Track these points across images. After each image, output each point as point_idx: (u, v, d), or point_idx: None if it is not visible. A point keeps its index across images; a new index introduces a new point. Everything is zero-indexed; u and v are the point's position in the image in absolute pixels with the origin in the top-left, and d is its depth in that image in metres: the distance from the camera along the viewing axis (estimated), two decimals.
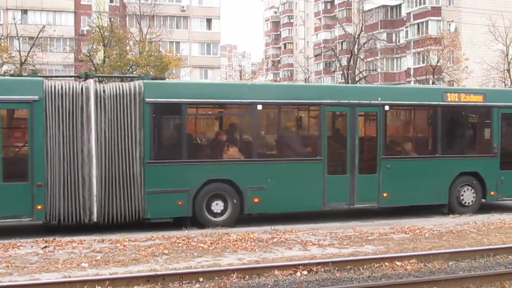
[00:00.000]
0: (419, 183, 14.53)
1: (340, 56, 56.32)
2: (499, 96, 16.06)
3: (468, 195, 15.04)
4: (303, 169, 13.81)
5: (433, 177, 14.70)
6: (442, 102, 14.87)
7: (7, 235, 11.47)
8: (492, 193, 15.18)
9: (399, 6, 62.55)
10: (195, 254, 9.95)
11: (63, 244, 10.68)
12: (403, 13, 61.39)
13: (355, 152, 14.06)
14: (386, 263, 9.11)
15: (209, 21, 64.34)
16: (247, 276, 8.39)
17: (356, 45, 45.30)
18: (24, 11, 51.88)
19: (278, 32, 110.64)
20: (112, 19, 43.04)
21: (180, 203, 12.83)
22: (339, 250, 10.39)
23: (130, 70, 36.05)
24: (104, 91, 12.38)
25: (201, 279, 8.17)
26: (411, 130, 16.01)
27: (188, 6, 62.36)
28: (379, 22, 61.95)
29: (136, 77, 14.21)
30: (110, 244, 10.71)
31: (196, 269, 8.73)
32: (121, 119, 12.39)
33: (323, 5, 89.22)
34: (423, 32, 54.18)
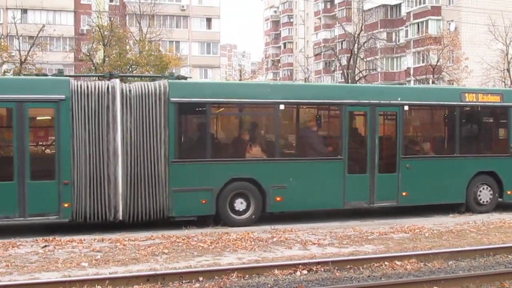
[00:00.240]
0: (438, 183, 14.67)
1: (340, 56, 56.27)
2: None
3: (485, 194, 15.15)
4: (324, 168, 13.97)
5: (451, 177, 14.83)
6: (460, 102, 15.03)
7: (7, 235, 11.48)
8: (509, 192, 15.35)
9: (399, 6, 62.55)
10: (195, 254, 9.95)
11: (63, 244, 10.69)
12: (403, 13, 61.39)
13: (375, 152, 14.20)
14: (386, 263, 9.11)
15: (209, 21, 64.33)
16: (247, 276, 8.39)
17: (356, 45, 45.26)
18: (24, 11, 51.87)
19: (278, 32, 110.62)
20: (112, 19, 43.04)
21: (204, 202, 12.97)
22: (339, 250, 10.40)
23: (130, 70, 36.05)
24: (130, 91, 12.50)
25: (201, 279, 8.17)
26: (430, 130, 16.14)
27: (188, 6, 62.35)
28: (379, 22, 61.93)
29: (160, 77, 14.31)
30: (110, 244, 10.72)
31: (196, 269, 8.73)
32: (146, 118, 12.50)
33: (323, 5, 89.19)
34: (423, 32, 54.15)
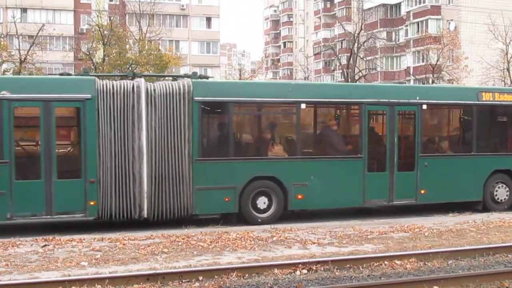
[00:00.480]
0: (455, 181, 14.81)
1: (340, 55, 56.24)
2: None
3: (502, 192, 15.27)
4: (344, 167, 14.12)
5: (468, 175, 14.96)
6: (477, 102, 15.16)
7: (7, 234, 11.48)
8: None
9: (399, 5, 62.56)
10: (195, 253, 9.95)
11: (63, 243, 10.69)
12: (403, 12, 61.42)
13: (394, 150, 14.34)
14: (386, 262, 9.11)
15: (209, 20, 64.32)
16: (247, 275, 8.39)
17: (356, 44, 45.25)
18: (24, 10, 51.85)
19: (278, 31, 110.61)
20: (112, 18, 43.02)
21: (227, 200, 13.12)
22: (339, 249, 10.39)
23: (130, 69, 36.03)
24: (155, 90, 12.62)
25: (201, 278, 8.16)
26: (447, 129, 16.26)
27: (188, 5, 62.34)
28: (379, 21, 61.94)
29: (182, 76, 14.40)
30: (110, 243, 10.72)
31: (196, 268, 8.73)
32: (171, 117, 12.62)
33: (323, 4, 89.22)
34: (423, 31, 54.14)
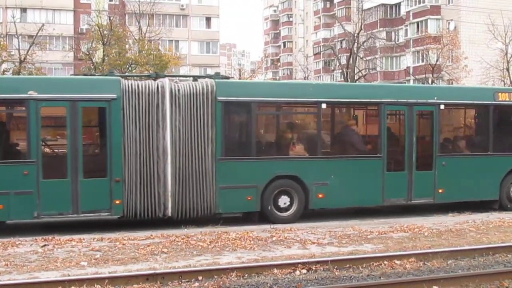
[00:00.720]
0: (472, 180, 14.96)
1: (340, 55, 56.21)
2: None
3: None
4: (364, 166, 14.25)
5: (485, 174, 15.11)
6: (494, 102, 15.34)
7: (7, 234, 11.48)
8: None
9: (399, 5, 62.57)
10: (194, 253, 9.95)
11: (62, 243, 10.68)
12: (403, 12, 61.42)
13: (413, 150, 14.47)
14: (385, 262, 9.11)
15: (209, 20, 64.33)
16: (246, 275, 8.39)
17: (356, 44, 45.24)
18: (24, 10, 51.86)
19: (278, 31, 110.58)
20: (112, 18, 43.04)
21: (249, 199, 13.25)
22: (338, 249, 10.39)
23: (129, 69, 36.04)
24: (179, 90, 12.77)
25: (200, 278, 8.16)
26: (464, 128, 16.35)
27: (188, 5, 62.34)
28: (379, 21, 61.94)
29: (204, 77, 14.51)
30: (109, 243, 10.71)
31: (195, 268, 8.73)
32: (194, 117, 12.77)
33: (322, 4, 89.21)
34: (423, 31, 54.15)
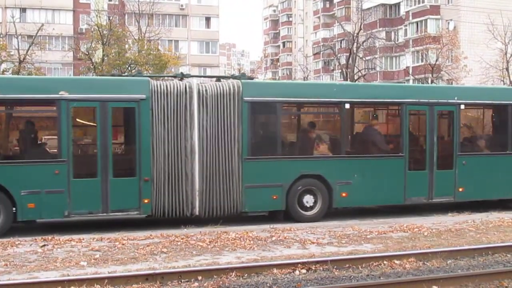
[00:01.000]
0: (492, 179, 15.14)
1: (339, 55, 56.18)
2: None
3: None
4: (386, 165, 14.42)
5: (505, 173, 15.26)
6: None
7: (6, 234, 11.48)
8: None
9: (398, 5, 62.58)
10: (194, 253, 9.95)
11: (62, 243, 10.68)
12: (402, 12, 61.43)
13: (434, 149, 14.65)
14: (385, 262, 9.11)
15: (208, 20, 64.34)
16: (246, 275, 8.39)
17: (355, 44, 45.21)
18: (23, 10, 51.82)
19: (277, 31, 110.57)
20: (111, 18, 43.02)
21: (275, 197, 13.44)
22: (338, 249, 10.39)
23: (129, 69, 36.02)
24: (206, 90, 12.96)
25: (200, 278, 8.16)
26: (484, 128, 16.54)
27: (187, 5, 62.35)
28: (378, 21, 61.95)
29: (228, 77, 14.70)
30: (109, 243, 10.71)
31: (195, 268, 8.72)
32: (221, 117, 12.98)
33: (322, 4, 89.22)
34: (422, 31, 54.13)
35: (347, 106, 14.06)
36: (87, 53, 37.74)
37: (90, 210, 12.44)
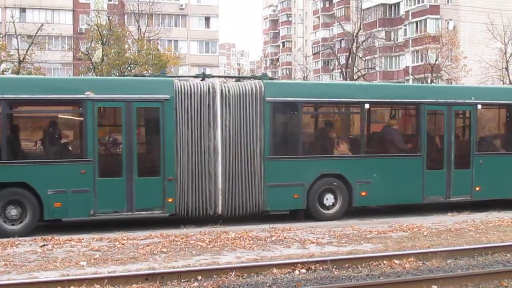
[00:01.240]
0: (508, 178, 15.25)
1: (339, 55, 56.22)
2: None
3: None
4: (405, 164, 14.57)
5: None
6: None
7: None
8: None
9: (398, 5, 62.59)
10: (194, 253, 9.95)
11: (62, 243, 10.68)
12: (402, 12, 61.44)
13: (451, 148, 14.79)
14: (385, 261, 9.11)
15: (208, 20, 64.32)
16: (246, 275, 8.38)
17: (355, 44, 45.26)
18: (23, 9, 51.78)
19: (277, 31, 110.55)
20: (111, 18, 43.03)
21: (296, 196, 13.57)
22: (338, 249, 10.39)
23: (129, 69, 36.03)
24: (229, 90, 13.11)
25: (200, 278, 8.16)
26: (501, 128, 16.60)
27: (187, 5, 62.35)
28: (378, 20, 61.97)
29: (249, 77, 14.83)
30: (109, 243, 10.71)
31: (195, 268, 8.72)
32: (244, 117, 13.11)
33: (322, 3, 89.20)
34: (422, 31, 54.18)
35: (367, 106, 14.21)
36: (87, 53, 37.78)
37: (115, 209, 12.60)
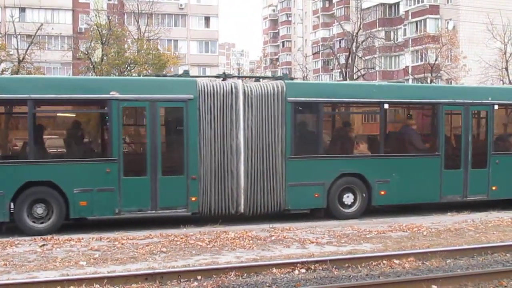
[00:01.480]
0: None
1: (339, 54, 56.22)
2: None
3: None
4: (423, 164, 14.68)
5: None
6: None
7: (6, 233, 11.47)
8: None
9: (397, 4, 62.58)
10: (193, 252, 9.95)
11: (61, 242, 10.69)
12: (401, 11, 61.44)
13: (468, 148, 14.94)
14: (384, 261, 9.11)
15: (207, 19, 64.31)
16: (245, 274, 8.39)
17: (354, 43, 45.26)
18: (22, 9, 51.77)
19: (277, 30, 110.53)
20: (110, 17, 43.02)
21: (317, 195, 13.71)
22: (337, 248, 10.40)
23: (128, 69, 36.03)
24: (251, 91, 13.25)
25: (199, 277, 8.16)
26: None
27: (186, 4, 62.34)
28: (377, 20, 61.96)
29: (269, 78, 14.99)
30: (108, 242, 10.72)
31: (194, 267, 8.73)
32: (266, 117, 13.26)
33: (321, 3, 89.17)
34: (421, 30, 54.20)
35: (386, 106, 14.31)
36: (87, 53, 37.77)
37: (140, 208, 12.68)
